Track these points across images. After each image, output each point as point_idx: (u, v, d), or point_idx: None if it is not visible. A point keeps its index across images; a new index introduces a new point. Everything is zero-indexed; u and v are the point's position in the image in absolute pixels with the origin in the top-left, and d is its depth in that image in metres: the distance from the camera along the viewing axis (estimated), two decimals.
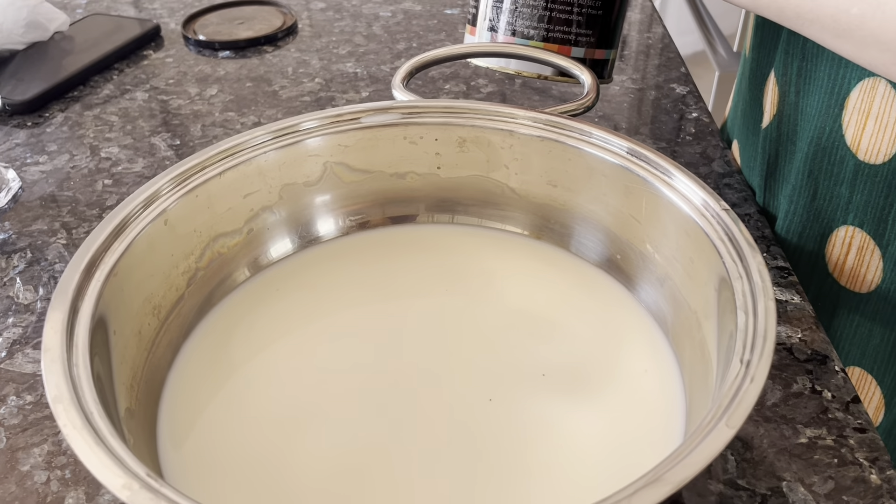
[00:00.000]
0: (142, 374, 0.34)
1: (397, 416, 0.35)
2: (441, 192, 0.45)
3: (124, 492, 0.24)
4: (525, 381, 0.36)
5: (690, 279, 0.36)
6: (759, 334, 0.29)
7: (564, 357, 0.37)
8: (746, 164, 0.54)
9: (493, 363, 0.37)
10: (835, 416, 0.36)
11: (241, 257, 0.41)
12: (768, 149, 0.50)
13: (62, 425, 0.26)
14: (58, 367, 0.28)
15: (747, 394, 0.26)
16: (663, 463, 0.25)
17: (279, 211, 0.42)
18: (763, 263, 0.31)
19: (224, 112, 0.62)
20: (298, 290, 0.41)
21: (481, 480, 0.32)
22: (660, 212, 0.38)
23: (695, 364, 0.35)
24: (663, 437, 0.34)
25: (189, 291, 0.39)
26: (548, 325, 0.39)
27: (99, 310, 0.31)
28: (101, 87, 0.67)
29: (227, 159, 0.39)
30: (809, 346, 0.40)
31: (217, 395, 0.36)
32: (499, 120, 0.42)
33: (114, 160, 0.57)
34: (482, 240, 0.44)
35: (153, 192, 0.36)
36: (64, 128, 0.61)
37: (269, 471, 0.33)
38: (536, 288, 0.41)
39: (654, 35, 0.73)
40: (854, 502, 0.33)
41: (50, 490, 0.34)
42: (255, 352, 0.38)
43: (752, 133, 0.53)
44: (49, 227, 0.51)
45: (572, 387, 0.36)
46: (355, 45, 0.72)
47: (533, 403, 0.35)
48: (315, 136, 0.41)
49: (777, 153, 0.49)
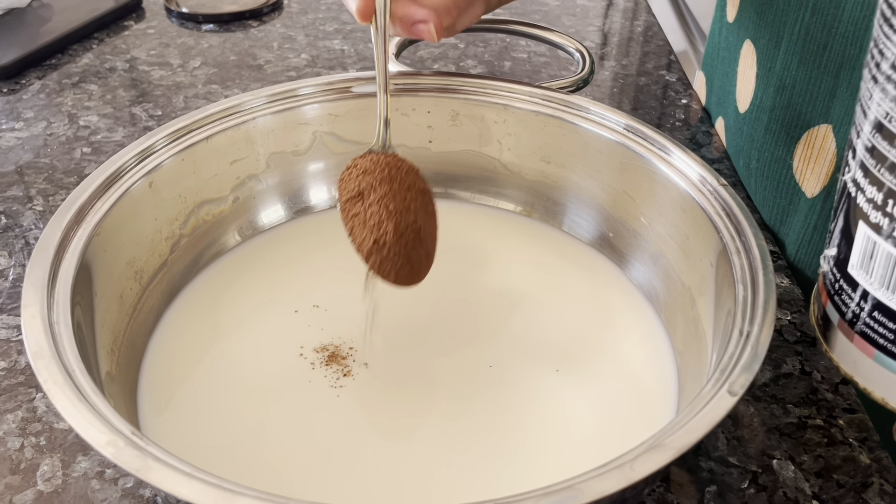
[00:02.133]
0: (123, 339, 0.33)
1: (385, 384, 0.34)
2: (432, 167, 0.44)
3: (109, 448, 0.23)
4: (513, 357, 0.35)
5: (685, 256, 0.36)
6: (758, 306, 0.28)
7: (555, 333, 0.37)
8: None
9: (482, 335, 0.37)
10: (824, 397, 0.36)
11: (228, 224, 0.40)
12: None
13: (42, 381, 0.25)
14: (38, 323, 0.27)
15: (750, 362, 0.26)
16: (665, 429, 0.24)
17: (266, 179, 0.41)
18: (762, 237, 0.31)
19: (207, 84, 0.61)
20: (287, 259, 0.40)
21: (476, 445, 0.31)
22: (655, 188, 0.37)
23: (688, 340, 0.35)
24: (655, 411, 0.33)
25: (172, 258, 0.38)
26: (538, 302, 0.39)
27: (81, 268, 0.30)
28: (80, 56, 0.65)
29: (222, 121, 0.38)
30: (799, 329, 0.40)
31: (200, 362, 0.35)
32: (494, 94, 0.42)
33: (93, 129, 0.55)
34: (473, 216, 0.44)
35: (149, 145, 0.35)
36: (41, 95, 0.59)
37: (251, 439, 0.32)
38: (527, 265, 0.41)
39: (643, 23, 0.72)
40: (844, 481, 0.33)
41: (24, 457, 0.33)
42: (240, 320, 0.37)
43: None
44: (24, 194, 0.49)
45: (564, 362, 0.35)
46: (342, 23, 0.70)
47: (525, 376, 0.34)
48: (308, 104, 0.40)
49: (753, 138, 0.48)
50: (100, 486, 0.32)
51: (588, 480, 0.22)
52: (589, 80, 0.43)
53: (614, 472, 0.22)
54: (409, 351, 0.35)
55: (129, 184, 0.34)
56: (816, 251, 0.41)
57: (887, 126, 0.25)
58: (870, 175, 0.26)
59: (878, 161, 0.26)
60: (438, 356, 0.35)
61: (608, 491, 0.22)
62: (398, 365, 0.35)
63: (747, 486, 0.32)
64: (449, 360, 0.35)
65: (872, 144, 0.26)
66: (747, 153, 0.46)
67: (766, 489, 0.32)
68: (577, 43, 0.45)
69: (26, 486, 0.32)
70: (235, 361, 0.35)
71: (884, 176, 0.26)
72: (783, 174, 0.43)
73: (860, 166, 0.27)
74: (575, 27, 0.71)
